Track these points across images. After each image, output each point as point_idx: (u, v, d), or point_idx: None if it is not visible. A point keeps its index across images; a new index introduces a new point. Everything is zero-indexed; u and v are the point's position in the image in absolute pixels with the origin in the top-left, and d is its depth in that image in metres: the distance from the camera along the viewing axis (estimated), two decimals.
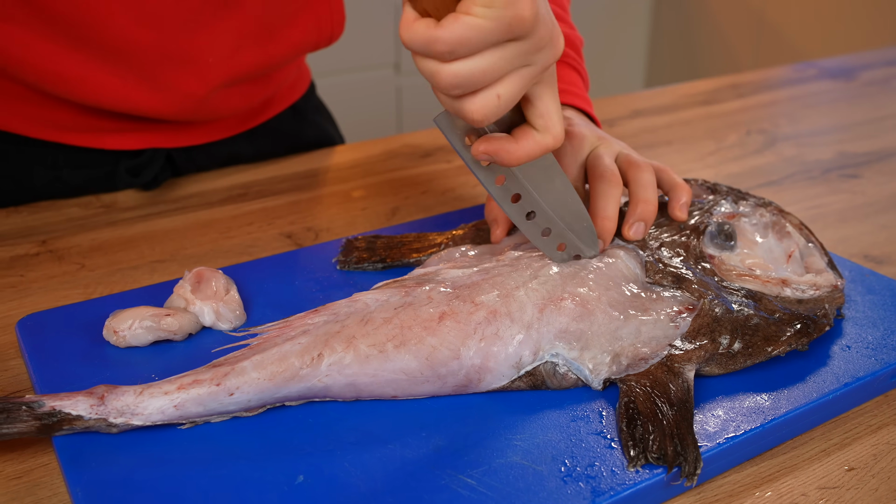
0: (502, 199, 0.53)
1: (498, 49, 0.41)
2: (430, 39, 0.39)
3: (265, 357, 0.47)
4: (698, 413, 0.49)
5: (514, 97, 0.43)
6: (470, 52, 0.40)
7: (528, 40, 0.42)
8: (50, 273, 0.66)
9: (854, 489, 0.46)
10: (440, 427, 0.47)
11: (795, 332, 0.53)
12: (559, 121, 0.47)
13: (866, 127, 1.05)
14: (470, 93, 0.42)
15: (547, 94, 0.46)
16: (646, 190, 0.60)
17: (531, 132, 0.47)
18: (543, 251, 0.55)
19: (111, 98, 0.73)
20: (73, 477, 0.43)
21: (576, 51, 0.74)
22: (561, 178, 0.53)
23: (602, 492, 0.43)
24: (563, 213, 0.54)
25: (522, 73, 0.43)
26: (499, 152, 0.47)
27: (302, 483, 0.43)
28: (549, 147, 0.47)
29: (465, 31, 0.39)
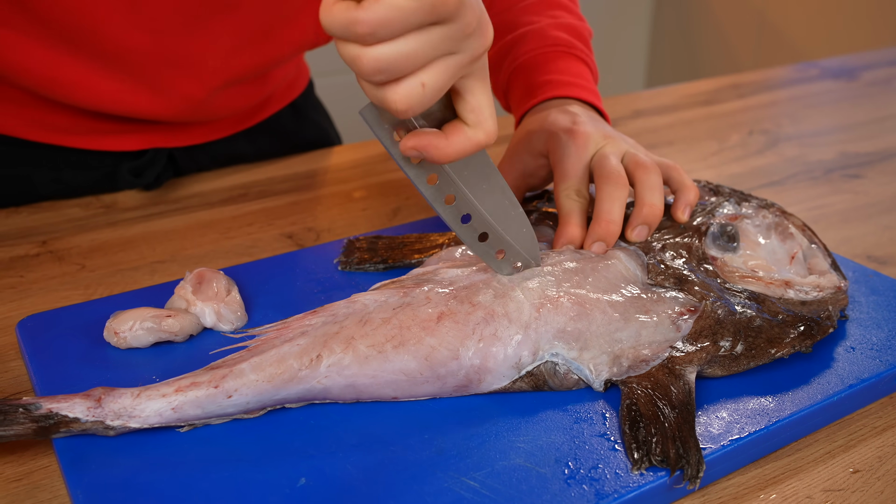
0: (435, 201, 0.50)
1: (422, 33, 0.39)
2: (350, 21, 0.37)
3: (263, 359, 0.47)
4: (702, 415, 0.48)
5: (441, 87, 0.41)
6: (392, 35, 0.38)
7: (453, 24, 0.40)
8: (50, 274, 0.66)
9: (859, 491, 0.46)
10: (443, 429, 0.47)
11: (799, 333, 0.53)
12: (491, 116, 0.45)
13: (869, 127, 1.05)
14: (393, 81, 0.40)
15: (478, 87, 0.45)
16: (652, 193, 0.59)
17: (462, 127, 0.45)
18: (482, 258, 0.53)
19: (110, 102, 0.73)
20: (74, 479, 0.43)
21: (584, 42, 0.74)
22: (497, 180, 0.51)
23: (606, 494, 0.42)
24: (501, 217, 0.52)
25: (449, 62, 0.41)
26: (427, 148, 0.45)
27: (304, 486, 0.43)
28: (481, 143, 0.45)
29: (386, 12, 0.37)
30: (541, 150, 0.64)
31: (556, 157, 0.61)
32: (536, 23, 0.73)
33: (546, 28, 0.72)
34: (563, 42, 0.71)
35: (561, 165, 0.60)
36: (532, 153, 0.64)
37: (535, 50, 0.71)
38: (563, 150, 0.61)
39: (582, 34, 0.74)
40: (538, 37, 0.72)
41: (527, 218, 0.53)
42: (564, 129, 0.62)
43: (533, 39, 0.72)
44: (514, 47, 0.73)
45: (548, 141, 0.63)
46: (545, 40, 0.71)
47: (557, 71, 0.69)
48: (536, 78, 0.69)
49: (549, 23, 0.73)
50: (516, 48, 0.72)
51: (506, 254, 0.53)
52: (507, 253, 0.53)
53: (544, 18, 0.73)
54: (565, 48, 0.71)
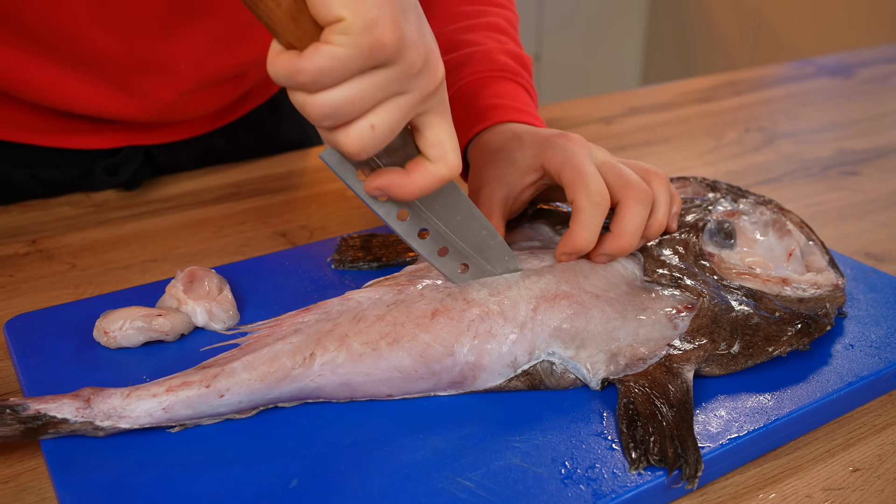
0: (408, 236, 0.49)
1: (364, 77, 0.39)
2: (293, 71, 0.38)
3: (256, 357, 0.46)
4: (701, 413, 0.48)
5: (392, 127, 0.42)
6: (334, 82, 0.39)
7: (395, 66, 0.40)
8: (40, 273, 0.65)
9: (859, 490, 0.45)
10: (438, 429, 0.46)
11: (797, 331, 0.52)
12: (453, 149, 0.45)
13: (865, 124, 1.04)
14: (343, 124, 0.41)
15: (437, 122, 0.44)
16: (664, 207, 0.56)
17: (424, 163, 0.45)
18: (457, 283, 0.52)
19: (83, 104, 0.73)
20: (62, 481, 0.42)
21: (528, 72, 0.71)
22: (471, 210, 0.50)
23: (603, 494, 0.42)
24: (480, 247, 0.51)
25: (398, 102, 0.41)
26: (390, 187, 0.45)
27: (296, 487, 0.42)
28: (444, 177, 0.45)
29: (324, 61, 0.38)
30: (530, 165, 0.57)
31: (561, 161, 0.55)
32: (482, 45, 0.70)
33: (493, 52, 0.69)
34: (511, 69, 0.69)
35: (572, 167, 0.54)
36: (517, 172, 0.58)
37: (482, 73, 0.68)
38: (566, 152, 0.55)
39: (526, 64, 0.71)
40: (485, 60, 0.69)
41: (507, 246, 0.52)
42: (556, 134, 0.57)
43: (479, 62, 0.69)
44: (456, 69, 0.69)
45: (539, 151, 0.57)
46: (493, 64, 0.68)
47: (505, 96, 0.66)
48: (486, 101, 0.65)
49: (495, 47, 0.70)
50: (460, 69, 0.69)
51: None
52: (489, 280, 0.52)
53: (490, 42, 0.70)
54: (512, 75, 0.68)
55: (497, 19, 0.73)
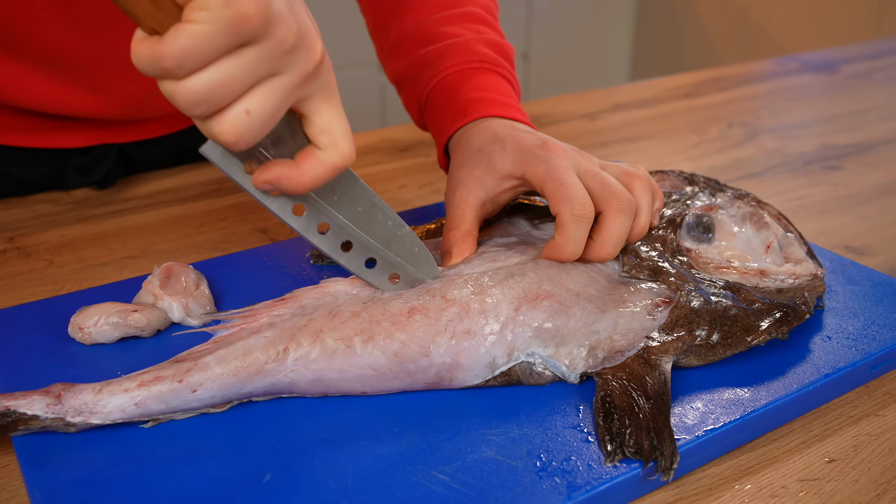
0: (307, 232, 0.47)
1: (232, 57, 0.37)
2: (156, 57, 0.36)
3: (229, 352, 0.46)
4: (677, 405, 0.48)
5: (271, 111, 0.39)
6: (201, 64, 0.36)
7: (265, 43, 0.37)
8: (17, 270, 0.65)
9: (834, 480, 0.45)
10: (413, 422, 0.46)
11: (775, 320, 0.52)
12: (344, 135, 0.43)
13: (848, 120, 1.05)
14: (217, 112, 0.38)
15: (325, 107, 0.42)
16: (648, 212, 0.56)
17: (314, 152, 0.42)
18: (373, 284, 0.50)
19: (51, 103, 0.72)
20: (33, 478, 0.41)
21: (509, 61, 0.69)
22: (373, 200, 0.48)
23: (578, 486, 0.42)
24: (386, 239, 0.49)
25: (274, 84, 0.39)
26: (280, 179, 0.42)
27: (270, 481, 0.42)
28: (336, 166, 0.43)
29: (186, 41, 0.35)
30: (510, 172, 0.56)
31: (543, 173, 0.54)
32: (460, 36, 0.68)
33: (471, 43, 0.68)
34: (491, 59, 0.67)
35: (555, 179, 0.53)
36: (495, 176, 0.57)
37: (462, 66, 0.66)
38: (548, 164, 0.54)
39: (506, 52, 0.69)
40: (463, 52, 0.67)
41: (417, 237, 0.50)
42: (538, 144, 0.56)
43: (458, 54, 0.67)
44: (435, 61, 0.67)
45: (521, 161, 0.56)
46: (471, 55, 0.67)
47: (487, 88, 0.64)
48: (466, 94, 0.64)
49: (473, 37, 0.68)
50: (439, 62, 0.67)
51: (401, 277, 0.51)
52: (402, 276, 0.51)
53: (468, 32, 0.69)
54: (491, 66, 0.67)
55: (475, 9, 0.72)
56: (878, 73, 1.25)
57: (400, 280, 0.51)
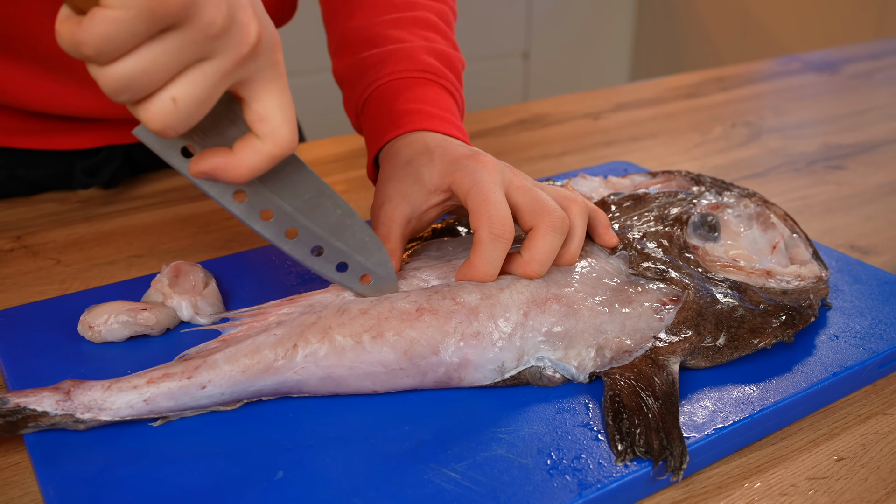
0: (249, 219, 0.45)
1: (155, 43, 0.35)
2: (76, 42, 0.34)
3: (238, 349, 0.46)
4: (686, 404, 0.48)
5: (200, 98, 0.37)
6: (122, 50, 0.34)
7: (189, 26, 0.35)
8: (24, 269, 0.65)
9: (843, 479, 0.46)
10: (423, 420, 0.46)
11: (781, 323, 0.52)
12: (284, 123, 0.40)
13: (851, 119, 1.05)
14: (144, 98, 0.36)
15: (264, 92, 0.40)
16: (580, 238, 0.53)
17: (251, 141, 0.40)
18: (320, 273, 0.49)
19: (55, 104, 0.72)
20: (45, 475, 0.42)
21: (456, 74, 0.66)
22: (319, 187, 0.46)
23: (589, 485, 0.42)
24: (333, 227, 0.48)
25: (204, 69, 0.37)
26: (215, 170, 0.40)
27: (281, 479, 0.42)
28: (274, 156, 0.40)
29: (104, 28, 0.33)
30: (437, 185, 0.53)
31: (468, 185, 0.51)
32: (406, 42, 0.65)
33: (416, 51, 0.64)
34: (433, 70, 0.63)
35: (478, 193, 0.50)
36: (423, 191, 0.54)
37: (401, 73, 0.63)
38: (474, 176, 0.51)
39: (454, 64, 0.66)
40: (406, 59, 0.63)
41: (367, 225, 0.49)
42: (467, 156, 0.53)
43: (400, 61, 0.63)
44: (376, 66, 0.64)
45: (448, 173, 0.53)
46: (414, 64, 0.63)
47: (425, 101, 0.61)
48: (402, 105, 0.61)
49: (420, 45, 0.65)
50: (380, 68, 0.64)
51: (350, 267, 0.49)
52: (351, 266, 0.49)
53: (416, 39, 0.65)
54: (434, 77, 0.63)
55: (427, 14, 0.68)
56: (880, 72, 1.25)
57: (349, 271, 0.49)
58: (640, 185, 0.68)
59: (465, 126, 1.00)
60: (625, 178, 0.69)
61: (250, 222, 0.45)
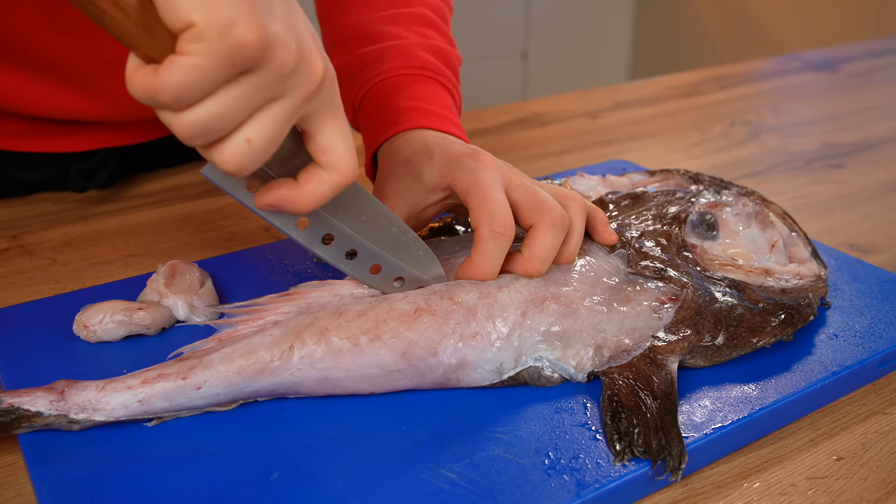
0: (312, 244, 0.47)
1: (231, 87, 0.35)
2: (152, 91, 0.34)
3: (234, 350, 0.46)
4: (685, 403, 0.48)
5: (272, 138, 0.38)
6: (199, 96, 0.35)
7: (264, 69, 0.36)
8: (20, 268, 0.65)
9: (843, 478, 0.45)
10: (420, 421, 0.46)
11: (780, 322, 0.52)
12: (346, 153, 0.41)
13: (850, 118, 1.05)
14: (218, 141, 0.37)
15: (327, 124, 0.40)
16: (579, 236, 0.53)
17: (316, 172, 0.41)
18: (378, 288, 0.50)
19: (50, 108, 0.71)
20: (39, 475, 0.41)
21: (453, 70, 0.66)
22: (378, 208, 0.47)
23: (587, 484, 0.42)
24: (391, 246, 0.49)
25: (275, 109, 0.37)
26: (283, 202, 0.41)
27: (277, 479, 0.41)
28: (339, 185, 0.41)
29: (183, 76, 0.33)
30: (437, 183, 0.53)
31: (468, 184, 0.51)
32: (403, 38, 0.65)
33: (413, 47, 0.64)
34: (432, 67, 0.63)
35: (478, 192, 0.50)
36: (421, 189, 0.54)
37: (399, 70, 0.62)
38: (475, 175, 0.51)
39: (451, 61, 0.66)
40: (404, 56, 0.63)
41: (421, 241, 0.50)
42: (467, 154, 0.53)
43: (397, 58, 0.63)
44: (373, 63, 0.64)
45: (448, 171, 0.53)
46: (411, 60, 0.63)
47: (423, 98, 0.61)
48: (400, 103, 0.60)
49: (417, 41, 0.64)
50: (377, 64, 0.63)
51: (406, 280, 0.50)
52: (407, 279, 0.50)
53: (413, 35, 0.65)
54: (432, 74, 0.63)
55: (424, 10, 0.68)
56: (879, 71, 1.25)
57: (405, 283, 0.51)
58: (639, 184, 0.67)
59: (464, 125, 1.00)
60: (623, 177, 0.69)
61: (313, 247, 0.47)
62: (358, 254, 0.49)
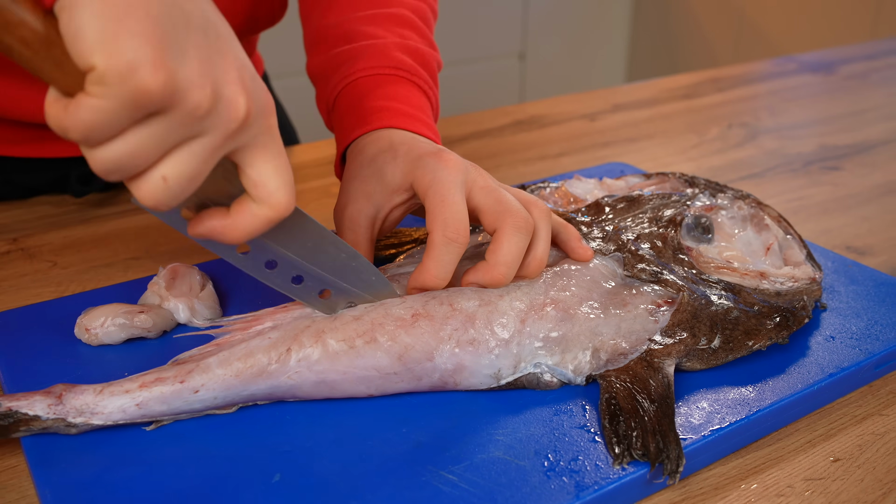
0: (254, 270, 0.46)
1: (142, 127, 0.34)
2: (62, 127, 0.34)
3: (231, 353, 0.46)
4: (683, 405, 0.48)
5: (190, 175, 0.37)
6: (106, 137, 0.34)
7: (175, 111, 0.35)
8: (21, 271, 0.65)
9: (840, 480, 0.46)
10: (421, 423, 0.46)
11: (775, 325, 0.53)
12: (280, 187, 0.40)
13: (847, 120, 1.05)
14: (135, 176, 0.36)
15: (259, 159, 0.39)
16: (546, 244, 0.52)
17: (248, 204, 0.40)
18: (326, 312, 0.49)
19: None
20: (42, 478, 0.42)
21: (430, 72, 0.64)
22: (322, 234, 0.46)
23: (586, 486, 0.42)
24: (340, 272, 0.48)
25: (193, 148, 0.36)
26: (213, 233, 0.40)
27: (279, 481, 0.42)
28: (270, 219, 0.40)
29: (88, 116, 0.33)
30: (400, 184, 0.53)
31: (427, 184, 0.50)
32: (379, 38, 0.64)
33: (388, 47, 0.63)
34: (405, 67, 0.62)
35: (436, 194, 0.49)
36: (387, 190, 0.53)
37: (372, 70, 0.61)
38: (434, 175, 0.50)
39: (429, 62, 0.64)
40: (378, 55, 0.62)
41: (373, 266, 0.49)
42: (430, 153, 0.52)
43: (371, 57, 0.62)
44: (348, 62, 0.63)
45: (410, 170, 0.52)
46: (386, 60, 0.62)
47: (396, 98, 0.60)
48: (371, 102, 0.60)
49: (393, 41, 0.63)
50: (351, 63, 0.62)
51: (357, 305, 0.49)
52: (359, 304, 0.49)
53: (389, 35, 0.64)
54: (406, 74, 0.62)
55: (404, 11, 0.67)
56: (875, 73, 1.25)
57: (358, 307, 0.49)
58: (635, 187, 0.68)
59: (462, 127, 1.00)
60: (619, 180, 0.70)
61: (255, 274, 0.46)
62: (305, 279, 0.48)
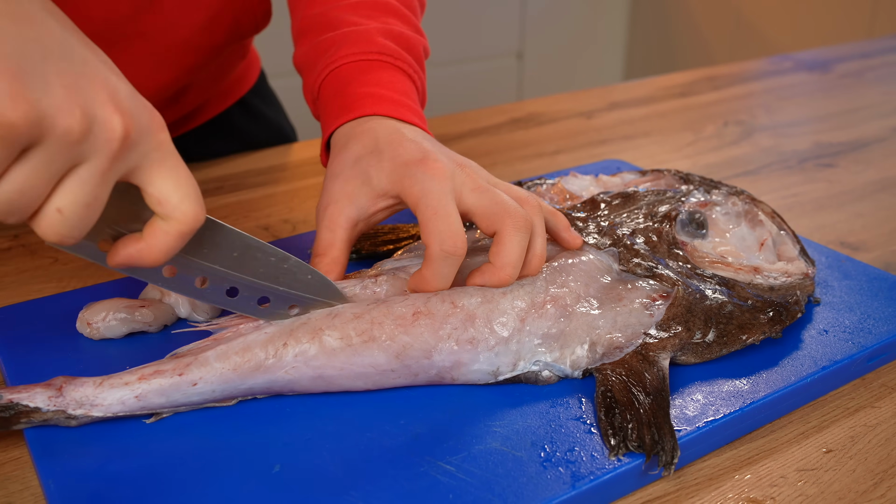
0: (185, 291, 0.45)
1: (22, 164, 0.33)
2: None
3: (229, 347, 0.46)
4: (677, 397, 0.49)
5: (85, 204, 0.36)
6: None
7: (48, 141, 0.33)
8: (22, 267, 0.65)
9: (832, 470, 0.46)
10: (419, 415, 0.47)
11: (769, 319, 0.53)
12: (182, 199, 0.39)
13: (842, 118, 1.06)
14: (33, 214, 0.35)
15: (156, 175, 0.38)
16: (541, 241, 0.52)
17: (157, 224, 0.39)
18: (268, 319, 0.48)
19: None
20: (46, 469, 0.42)
21: (416, 56, 0.64)
22: (241, 241, 0.45)
23: (582, 476, 0.43)
24: (273, 276, 0.47)
25: (81, 175, 0.35)
26: (131, 259, 0.40)
27: (279, 472, 0.42)
28: (182, 233, 0.39)
29: None
30: (386, 190, 0.52)
31: (416, 196, 0.50)
32: (361, 25, 0.63)
33: (371, 33, 0.62)
34: (389, 51, 0.61)
35: (428, 206, 0.49)
36: (370, 195, 0.53)
37: (356, 56, 0.61)
38: (423, 187, 0.50)
39: (414, 47, 0.63)
40: (361, 41, 0.61)
41: (306, 265, 0.48)
42: (416, 161, 0.51)
43: (355, 43, 0.61)
44: (331, 49, 0.62)
45: (397, 179, 0.51)
46: (369, 46, 0.61)
47: (380, 84, 0.59)
48: (356, 89, 0.59)
49: (376, 27, 0.63)
50: (334, 50, 0.62)
51: (301, 308, 0.49)
52: (302, 306, 0.49)
53: (373, 22, 0.63)
54: (390, 59, 0.61)
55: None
56: (870, 71, 1.26)
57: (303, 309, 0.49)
58: (630, 184, 0.68)
59: (460, 125, 1.01)
60: (615, 177, 0.70)
61: (188, 293, 0.45)
62: (240, 290, 0.46)
